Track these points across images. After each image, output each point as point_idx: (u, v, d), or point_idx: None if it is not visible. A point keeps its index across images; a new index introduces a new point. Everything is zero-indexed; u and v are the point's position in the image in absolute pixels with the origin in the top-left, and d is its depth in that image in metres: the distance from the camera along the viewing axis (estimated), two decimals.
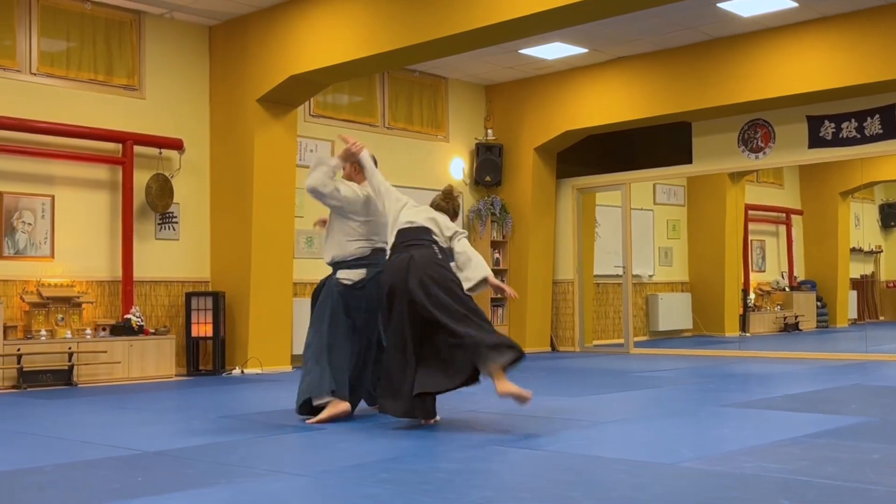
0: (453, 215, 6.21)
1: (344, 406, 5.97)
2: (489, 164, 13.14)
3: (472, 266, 5.77)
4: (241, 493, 3.95)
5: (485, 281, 5.74)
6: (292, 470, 4.40)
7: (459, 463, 4.57)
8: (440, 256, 5.76)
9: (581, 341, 13.29)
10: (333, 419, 5.92)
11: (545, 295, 13.28)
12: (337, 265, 6.29)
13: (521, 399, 5.48)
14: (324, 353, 6.01)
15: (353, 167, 6.40)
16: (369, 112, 12.19)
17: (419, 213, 6.05)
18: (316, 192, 6.18)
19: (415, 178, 12.51)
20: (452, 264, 5.84)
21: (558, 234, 13.47)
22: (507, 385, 5.45)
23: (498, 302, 13.16)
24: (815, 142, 11.24)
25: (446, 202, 6.25)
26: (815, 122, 11.22)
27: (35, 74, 9.52)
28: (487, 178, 13.13)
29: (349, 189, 6.29)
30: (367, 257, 6.23)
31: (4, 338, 8.75)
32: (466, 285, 5.73)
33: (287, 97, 10.23)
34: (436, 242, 5.85)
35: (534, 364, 10.98)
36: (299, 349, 10.74)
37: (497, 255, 13.23)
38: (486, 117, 13.50)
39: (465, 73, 12.91)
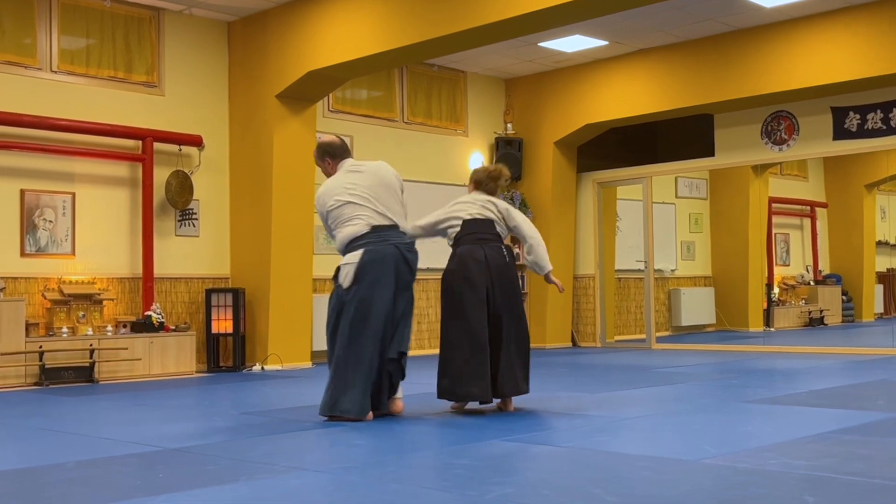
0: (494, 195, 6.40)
1: (369, 417, 5.95)
2: (509, 159, 13.11)
3: (541, 255, 6.52)
4: (261, 490, 3.96)
5: (547, 275, 6.43)
6: (312, 467, 4.41)
7: (480, 459, 4.56)
8: (508, 259, 6.32)
9: (602, 337, 13.26)
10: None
11: (566, 290, 13.25)
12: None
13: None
14: (344, 368, 5.91)
15: (328, 163, 6.29)
16: (388, 107, 12.19)
17: (478, 206, 6.39)
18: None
19: (433, 173, 12.51)
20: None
21: (579, 229, 13.44)
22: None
23: None
24: (840, 133, 11.17)
25: (492, 182, 6.33)
26: (839, 114, 11.15)
27: (55, 72, 9.57)
28: None
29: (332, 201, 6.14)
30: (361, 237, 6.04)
31: (27, 335, 8.80)
32: (536, 270, 6.54)
33: (306, 93, 10.25)
34: (500, 237, 6.40)
35: (554, 360, 10.97)
36: (319, 345, 10.82)
37: (517, 250, 13.20)
38: (505, 111, 13.48)
39: (484, 67, 12.89)
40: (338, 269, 6.00)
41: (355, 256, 5.92)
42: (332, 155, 6.30)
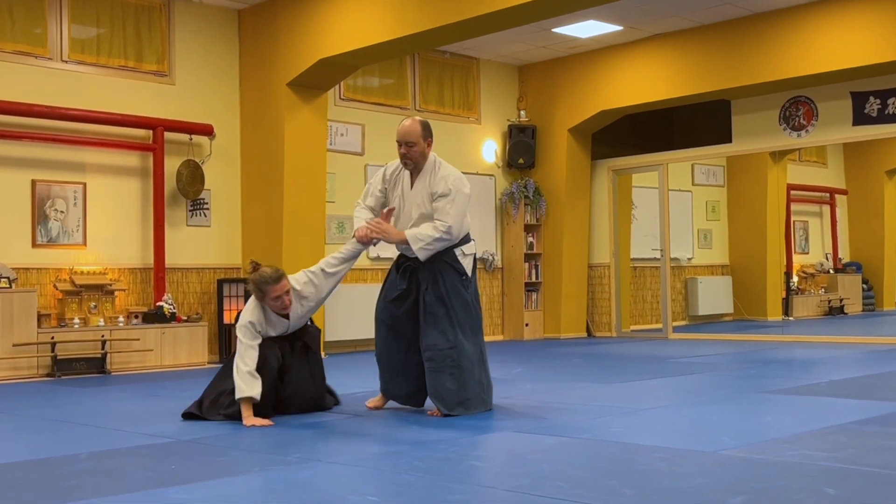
0: None
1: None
2: (522, 146, 13.10)
3: None
4: (273, 480, 3.97)
5: None
6: (325, 458, 4.41)
7: (494, 451, 4.57)
8: None
9: (618, 326, 13.25)
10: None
11: (581, 279, 13.24)
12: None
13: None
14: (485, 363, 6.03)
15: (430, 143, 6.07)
16: (400, 95, 12.18)
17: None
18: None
19: (447, 160, 12.44)
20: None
21: (594, 217, 13.42)
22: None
23: (533, 287, 13.13)
24: (860, 119, 11.11)
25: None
26: (859, 99, 11.09)
27: (66, 62, 9.59)
28: (520, 161, 13.10)
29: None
30: None
31: (38, 326, 8.84)
32: None
33: (317, 81, 10.24)
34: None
35: (570, 350, 10.96)
36: (332, 336, 10.86)
37: (531, 239, 13.20)
38: (518, 98, 13.45)
39: (496, 54, 12.86)
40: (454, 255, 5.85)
41: (473, 247, 5.96)
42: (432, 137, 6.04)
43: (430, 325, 5.73)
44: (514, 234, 13.06)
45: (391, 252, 11.66)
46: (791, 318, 14.16)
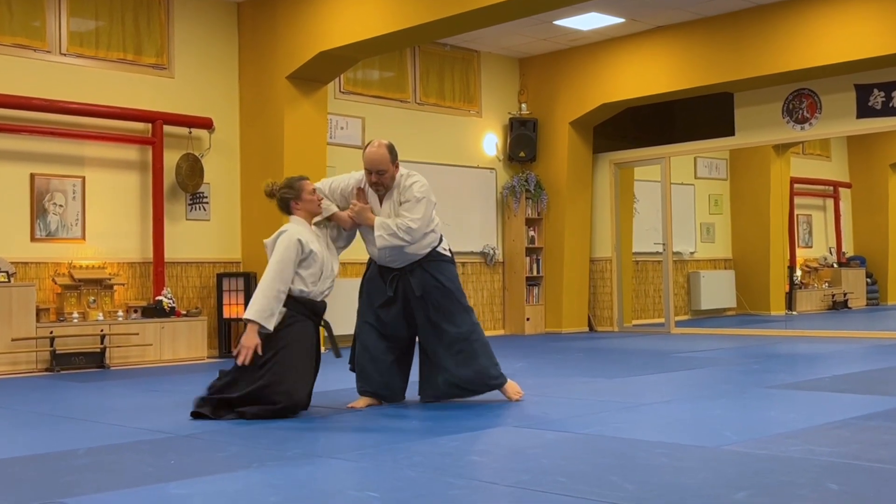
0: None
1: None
2: (523, 140, 13.09)
3: None
4: (273, 476, 3.97)
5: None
6: (325, 453, 4.41)
7: (495, 446, 4.57)
8: None
9: (620, 321, 13.25)
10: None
11: (582, 273, 13.23)
12: None
13: None
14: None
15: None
16: (400, 88, 12.17)
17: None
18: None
19: (447, 154, 12.50)
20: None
21: (595, 211, 13.41)
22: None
23: (534, 281, 13.13)
24: (864, 111, 11.09)
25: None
26: (863, 91, 11.07)
27: (64, 55, 9.58)
28: (522, 154, 13.09)
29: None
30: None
31: (37, 320, 8.84)
32: None
33: (317, 74, 10.23)
34: None
35: (571, 345, 10.96)
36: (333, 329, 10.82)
37: (532, 233, 13.19)
38: (519, 91, 13.44)
39: (497, 46, 12.85)
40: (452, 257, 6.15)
41: (447, 244, 6.24)
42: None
43: (445, 319, 5.88)
44: (515, 227, 13.05)
45: None
46: (794, 313, 14.16)
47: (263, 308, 5.48)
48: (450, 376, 5.89)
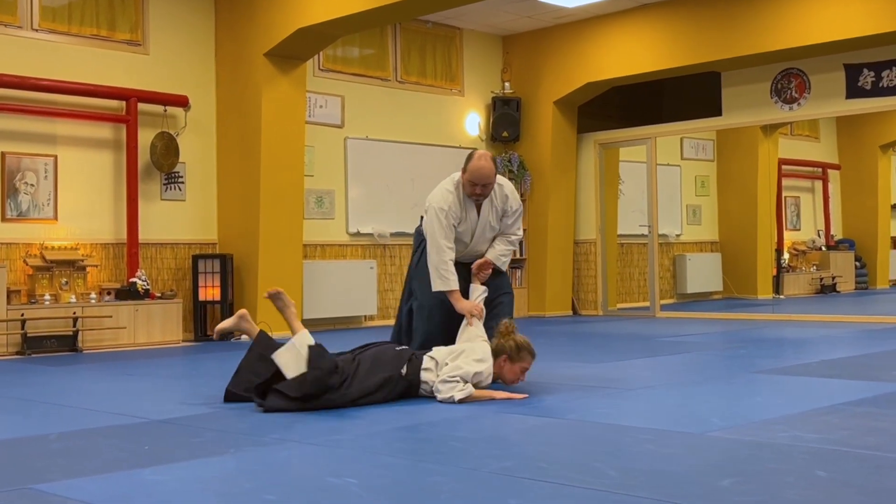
0: None
1: None
2: (506, 119, 13.07)
3: None
4: (249, 461, 3.96)
5: None
6: (302, 439, 4.40)
7: (477, 432, 4.56)
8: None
9: (604, 305, 13.27)
10: None
11: (566, 256, 13.24)
12: None
13: None
14: None
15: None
16: (381, 65, 12.12)
17: None
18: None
19: (428, 134, 12.47)
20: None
21: (580, 192, 13.41)
22: None
23: (517, 264, 13.13)
24: (854, 91, 11.12)
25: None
26: (853, 71, 11.09)
27: (36, 30, 9.50)
28: (505, 134, 13.07)
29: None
30: None
31: (8, 303, 8.80)
32: None
33: (295, 51, 10.17)
34: None
35: (555, 329, 10.98)
36: (310, 313, 10.84)
37: None
38: (503, 69, 13.41)
39: (480, 24, 12.81)
40: None
41: None
42: None
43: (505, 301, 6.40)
44: None
45: (369, 228, 11.68)
46: (782, 297, 14.21)
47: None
48: None
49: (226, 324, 5.87)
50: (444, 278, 6.00)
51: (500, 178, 6.22)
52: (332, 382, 5.18)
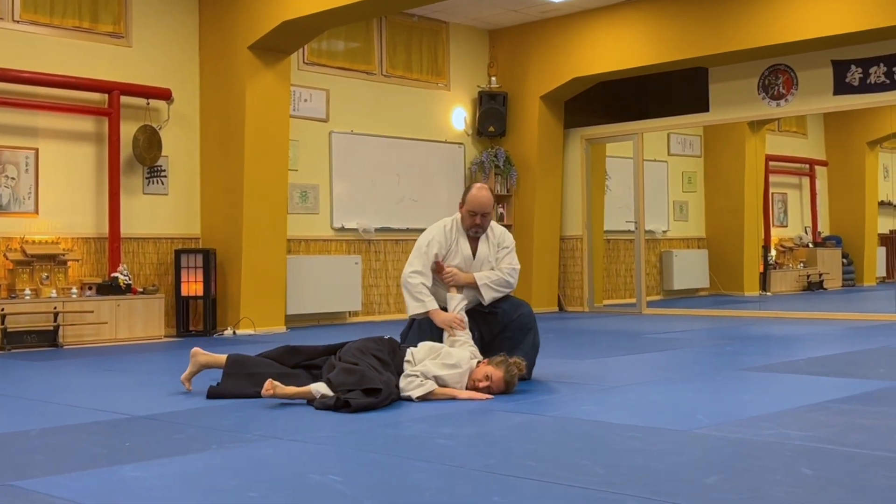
0: None
1: None
2: (493, 114, 13.06)
3: None
4: (232, 458, 3.95)
5: None
6: (286, 436, 4.39)
7: (461, 429, 4.56)
8: None
9: (590, 301, 13.28)
10: None
11: (552, 252, 13.25)
12: None
13: None
14: None
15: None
16: (366, 59, 12.10)
17: None
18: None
19: (414, 128, 12.46)
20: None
21: (566, 188, 13.42)
22: None
23: None
24: (841, 88, 11.15)
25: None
26: (840, 67, 11.12)
27: (17, 22, 9.46)
28: (491, 129, 13.06)
29: None
30: None
31: None
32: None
33: (280, 44, 10.15)
34: None
35: (540, 325, 10.92)
36: (294, 309, 10.83)
37: (501, 210, 13.19)
38: (489, 64, 13.40)
39: (467, 18, 12.80)
40: None
41: None
42: None
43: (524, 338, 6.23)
44: None
45: (354, 223, 11.67)
46: (769, 294, 14.25)
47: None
48: None
49: (186, 372, 5.84)
50: (419, 301, 6.01)
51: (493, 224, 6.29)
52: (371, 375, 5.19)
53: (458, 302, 6.02)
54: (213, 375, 5.75)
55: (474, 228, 6.13)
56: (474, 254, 6.16)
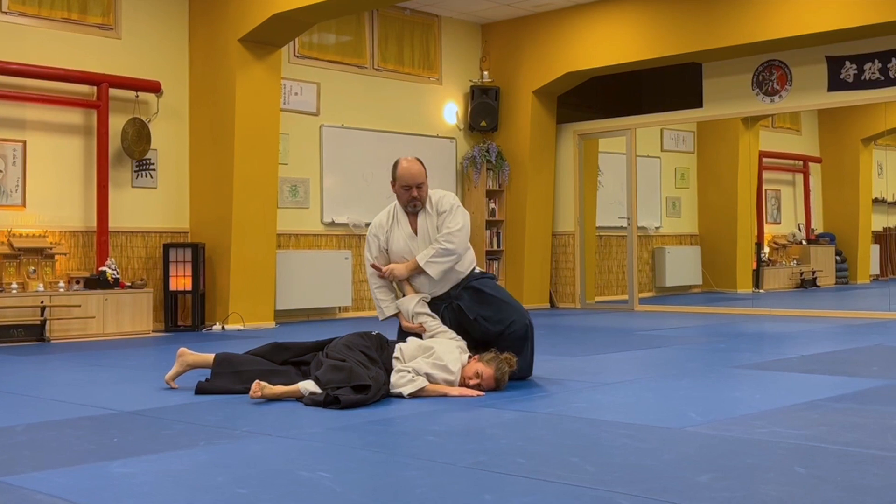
0: None
1: None
2: (485, 108, 13.06)
3: None
4: (221, 454, 3.94)
5: None
6: (275, 432, 4.39)
7: (452, 426, 4.56)
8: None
9: (582, 298, 13.29)
10: None
11: (544, 248, 13.26)
12: None
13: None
14: None
15: None
16: (357, 53, 12.09)
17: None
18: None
19: (405, 122, 12.45)
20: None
21: (558, 183, 13.42)
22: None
23: (494, 255, 13.14)
24: (836, 84, 11.16)
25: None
26: (835, 64, 11.14)
27: (6, 13, 9.43)
28: (483, 123, 13.06)
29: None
30: None
31: None
32: None
33: (270, 37, 10.13)
34: None
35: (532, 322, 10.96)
36: (283, 304, 10.82)
37: (493, 206, 13.19)
38: (481, 58, 13.40)
39: (459, 11, 12.79)
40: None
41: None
42: None
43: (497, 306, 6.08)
44: (476, 200, 13.04)
45: (345, 217, 11.65)
46: (761, 291, 14.27)
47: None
48: None
49: (172, 372, 5.82)
50: (379, 308, 6.06)
51: (435, 189, 6.10)
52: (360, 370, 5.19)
53: (412, 305, 5.90)
54: (200, 374, 5.75)
55: (412, 203, 5.91)
56: (416, 231, 5.97)
